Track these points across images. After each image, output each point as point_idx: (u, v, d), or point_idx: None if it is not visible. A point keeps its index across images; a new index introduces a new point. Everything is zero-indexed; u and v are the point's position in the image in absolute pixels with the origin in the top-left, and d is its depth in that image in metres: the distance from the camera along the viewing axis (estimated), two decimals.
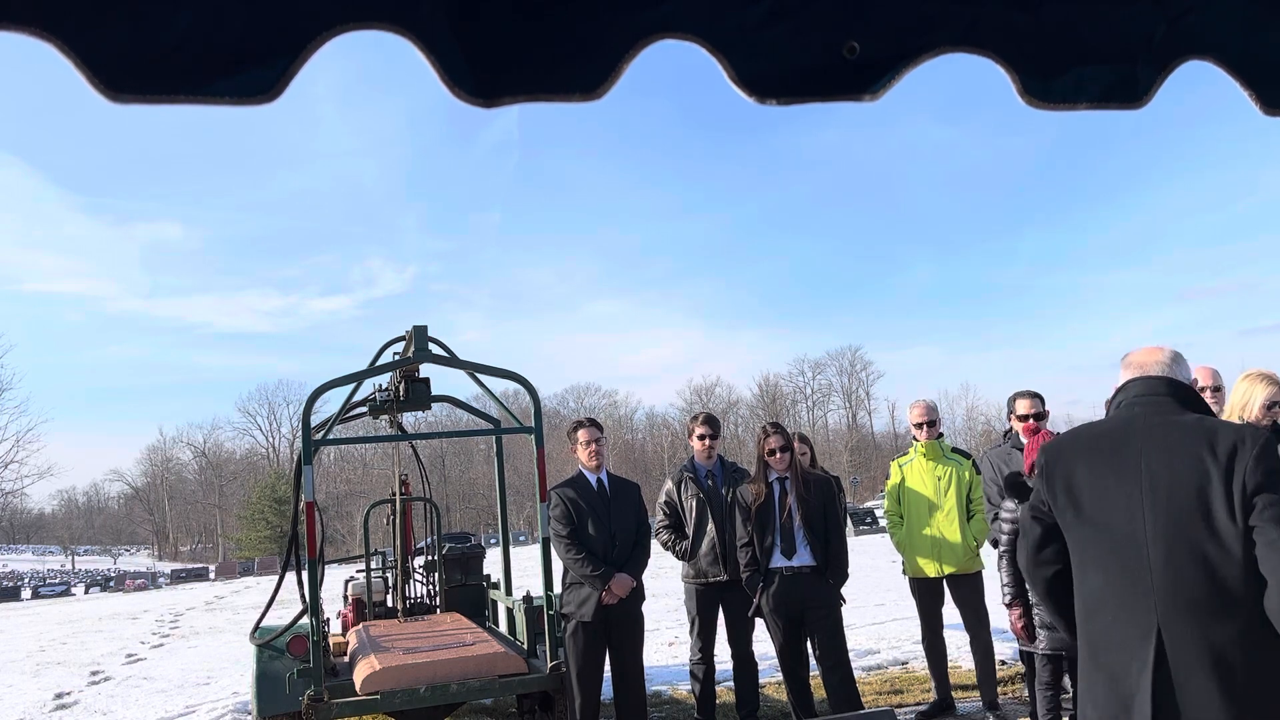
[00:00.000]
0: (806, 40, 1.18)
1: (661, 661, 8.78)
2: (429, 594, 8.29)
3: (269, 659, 5.86)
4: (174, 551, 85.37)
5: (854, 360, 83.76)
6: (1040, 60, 1.27)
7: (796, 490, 5.56)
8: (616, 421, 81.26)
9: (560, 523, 5.64)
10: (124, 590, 38.98)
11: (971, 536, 6.14)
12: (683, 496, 6.25)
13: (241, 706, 8.17)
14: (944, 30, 1.23)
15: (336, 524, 62.01)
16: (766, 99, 1.18)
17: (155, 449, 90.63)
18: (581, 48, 1.11)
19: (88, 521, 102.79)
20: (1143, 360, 2.60)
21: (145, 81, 1.01)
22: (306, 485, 5.48)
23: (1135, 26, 1.30)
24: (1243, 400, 4.19)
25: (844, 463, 72.04)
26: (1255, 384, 4.17)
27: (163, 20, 1.01)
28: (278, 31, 1.04)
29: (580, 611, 5.54)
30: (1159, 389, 2.51)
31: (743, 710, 6.26)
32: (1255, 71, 1.34)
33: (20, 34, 0.97)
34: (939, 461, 6.31)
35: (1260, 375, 4.21)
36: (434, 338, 6.06)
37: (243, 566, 45.47)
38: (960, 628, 6.44)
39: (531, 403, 5.83)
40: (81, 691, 10.03)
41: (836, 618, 5.61)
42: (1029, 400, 5.74)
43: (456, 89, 1.09)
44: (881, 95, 1.21)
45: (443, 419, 51.19)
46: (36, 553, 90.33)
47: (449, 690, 5.36)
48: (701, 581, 6.17)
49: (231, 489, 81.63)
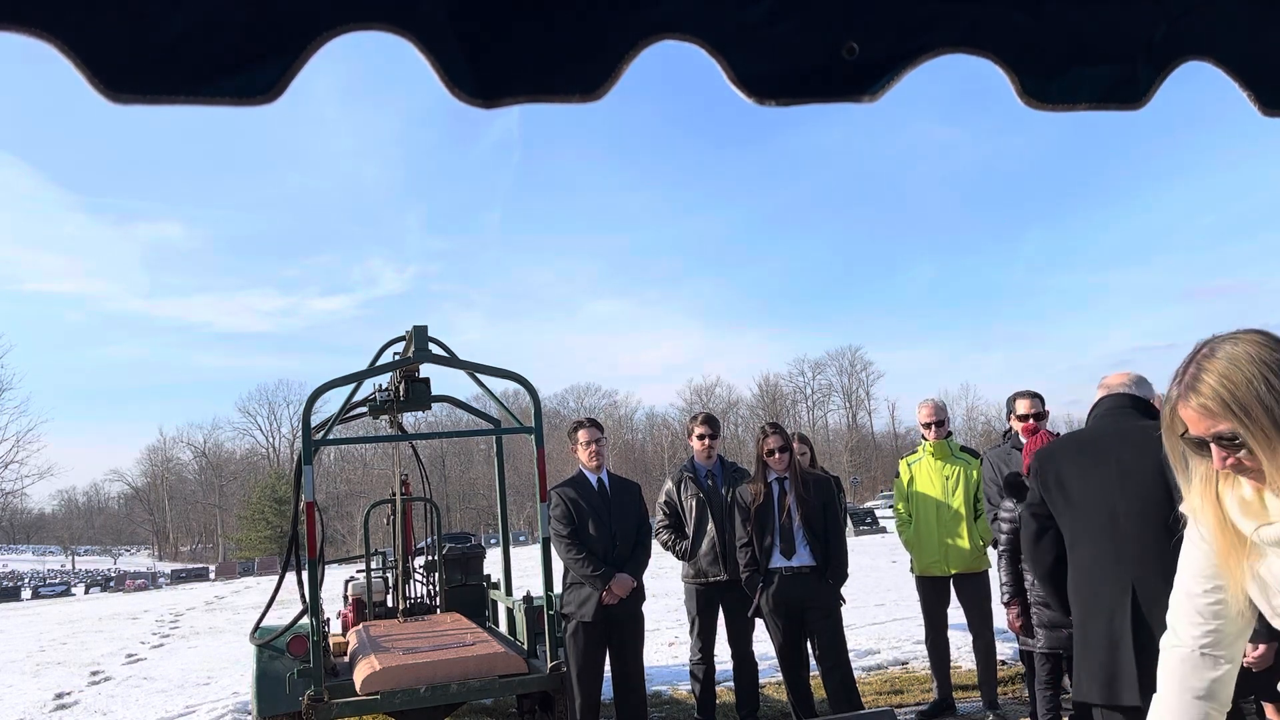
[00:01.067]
0: (806, 41, 1.18)
1: (661, 661, 8.78)
2: (429, 594, 8.29)
3: (269, 659, 5.86)
4: (174, 551, 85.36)
5: (854, 360, 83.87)
6: (1039, 61, 1.27)
7: (796, 490, 5.56)
8: (616, 421, 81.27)
9: (561, 523, 5.64)
10: (124, 590, 38.98)
11: (979, 536, 6.14)
12: (682, 496, 6.25)
13: (241, 706, 8.17)
14: (943, 31, 1.23)
15: (336, 524, 62.01)
16: (765, 100, 1.18)
17: (155, 449, 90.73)
18: (581, 48, 1.12)
19: (88, 521, 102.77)
20: (1112, 382, 3.36)
21: (145, 82, 1.01)
22: (306, 485, 5.48)
23: (1134, 27, 1.30)
24: None
25: (844, 463, 72.04)
26: None
27: (163, 21, 1.01)
28: (278, 32, 1.04)
29: (581, 611, 5.54)
30: (1124, 403, 3.24)
31: (743, 710, 6.26)
32: (1254, 72, 1.34)
33: (21, 34, 0.97)
34: (947, 461, 6.31)
35: None
36: (434, 338, 6.06)
37: (243, 566, 45.47)
38: (962, 628, 6.45)
39: (531, 403, 5.83)
40: (81, 691, 10.03)
41: (836, 618, 5.61)
42: (1029, 400, 5.74)
43: (456, 90, 1.09)
44: (880, 96, 1.21)
45: (443, 419, 51.23)
46: (36, 553, 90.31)
47: (449, 690, 5.36)
48: (701, 581, 6.17)
49: (231, 489, 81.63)
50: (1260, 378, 1.46)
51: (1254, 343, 1.51)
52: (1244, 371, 1.47)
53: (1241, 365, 1.48)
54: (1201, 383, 1.50)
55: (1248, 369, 1.47)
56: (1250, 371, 1.47)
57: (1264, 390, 1.45)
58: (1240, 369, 1.47)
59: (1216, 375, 1.49)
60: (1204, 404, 1.49)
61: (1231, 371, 1.48)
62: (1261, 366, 1.47)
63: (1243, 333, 1.54)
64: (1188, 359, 1.56)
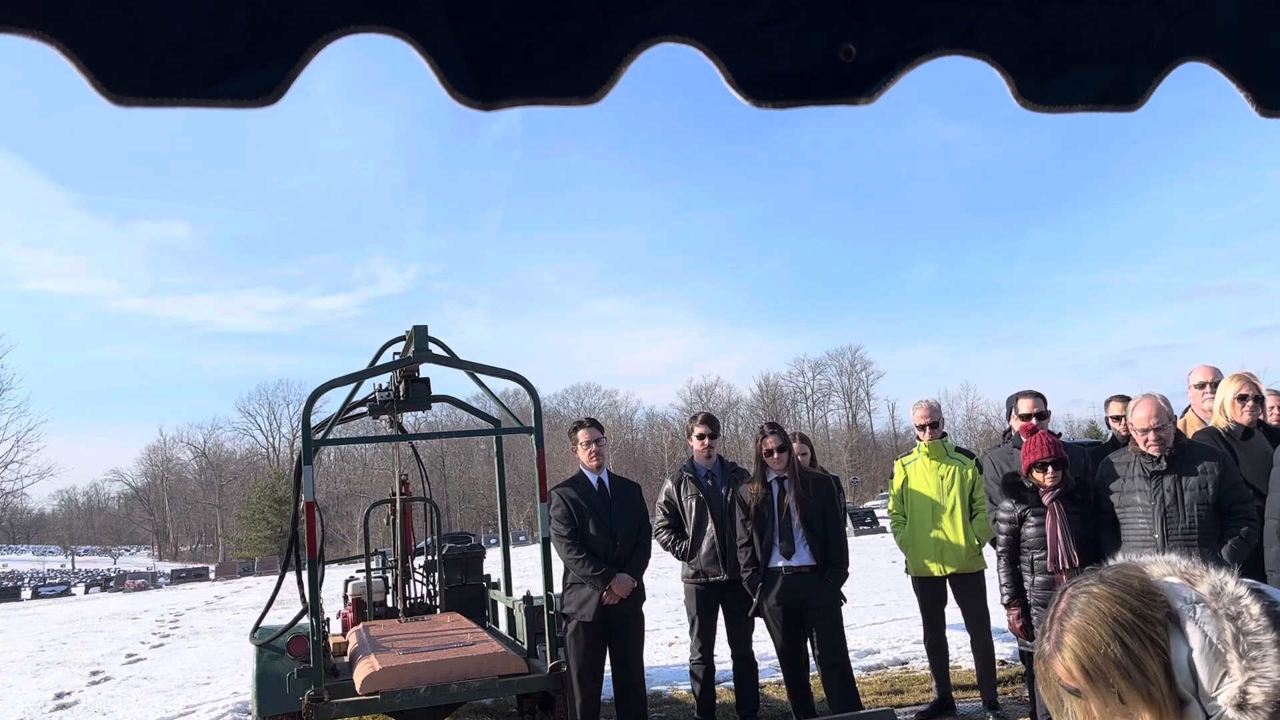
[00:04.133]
0: (803, 43, 1.19)
1: (661, 661, 8.79)
2: (429, 594, 8.30)
3: (269, 659, 5.86)
4: (174, 551, 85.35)
5: (854, 360, 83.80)
6: (1036, 62, 1.27)
7: (795, 490, 5.56)
8: (616, 421, 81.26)
9: (561, 523, 5.65)
10: (124, 590, 38.96)
11: (974, 536, 6.15)
12: (682, 496, 6.26)
13: (241, 706, 8.17)
14: (940, 33, 1.24)
15: (336, 524, 62.00)
16: (763, 102, 1.18)
17: (155, 449, 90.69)
18: (580, 51, 1.12)
19: (88, 521, 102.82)
20: None
21: (147, 85, 1.02)
22: (306, 485, 5.49)
23: (1132, 28, 1.30)
24: (1220, 397, 5.06)
25: (844, 463, 72.05)
26: (1228, 383, 5.05)
27: (164, 24, 1.02)
28: (278, 35, 1.05)
29: (581, 611, 5.55)
30: None
31: (743, 710, 6.26)
32: (1251, 73, 1.35)
33: (24, 37, 0.98)
34: (942, 461, 6.32)
35: (1234, 376, 5.08)
36: (434, 337, 6.06)
37: (243, 566, 45.47)
38: (961, 627, 6.45)
39: (531, 403, 5.84)
40: (81, 691, 10.04)
41: (836, 617, 5.61)
42: (1031, 399, 5.74)
43: (456, 92, 1.10)
44: (878, 98, 1.22)
45: (443, 419, 51.18)
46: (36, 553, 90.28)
47: (449, 690, 5.37)
48: (701, 581, 6.17)
49: (231, 489, 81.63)
50: (1114, 638, 1.45)
51: (1108, 599, 1.48)
52: (1099, 633, 1.47)
53: (1096, 626, 1.47)
54: (1064, 645, 1.51)
55: (1101, 629, 1.47)
56: (1105, 633, 1.46)
57: (1119, 652, 1.44)
58: (1095, 630, 1.47)
59: (1074, 637, 1.50)
60: (1066, 666, 1.50)
61: (1089, 634, 1.47)
62: (1115, 626, 1.46)
63: (1098, 584, 1.52)
64: (1050, 613, 1.57)
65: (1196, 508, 4.47)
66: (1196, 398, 5.52)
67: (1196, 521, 4.46)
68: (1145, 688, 1.41)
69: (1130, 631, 1.44)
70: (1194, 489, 4.49)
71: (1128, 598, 1.47)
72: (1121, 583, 1.49)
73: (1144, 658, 1.42)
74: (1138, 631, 1.43)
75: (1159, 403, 4.62)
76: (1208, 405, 5.31)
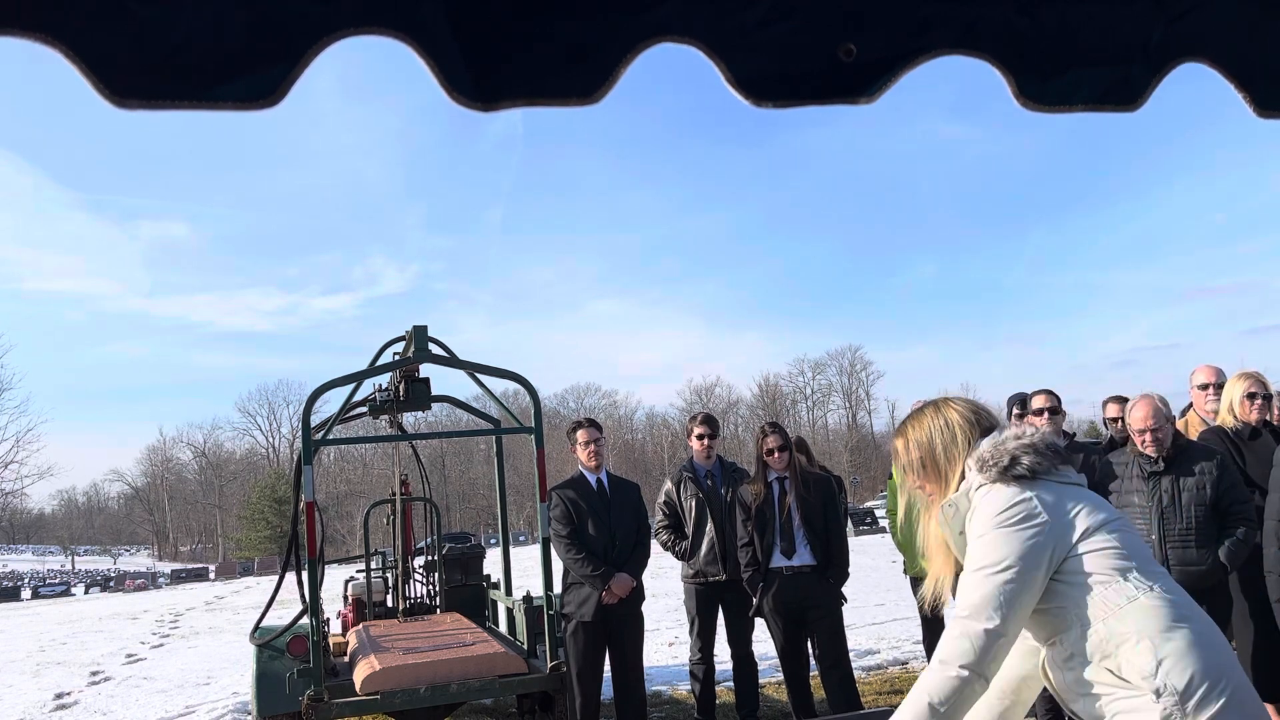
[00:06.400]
0: (803, 43, 1.19)
1: (661, 661, 8.79)
2: (429, 594, 8.30)
3: (269, 659, 5.87)
4: (174, 551, 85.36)
5: (854, 360, 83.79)
6: (1036, 62, 1.28)
7: (796, 490, 5.57)
8: (616, 421, 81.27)
9: (560, 523, 5.65)
10: (124, 590, 38.99)
11: None
12: (682, 496, 6.26)
13: (241, 706, 8.18)
14: (940, 32, 1.24)
15: (336, 524, 62.00)
16: (763, 102, 1.18)
17: (155, 449, 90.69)
18: (579, 52, 1.12)
19: (88, 521, 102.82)
20: None
21: (149, 87, 1.02)
22: (306, 485, 5.49)
23: (1131, 29, 1.31)
24: (1228, 396, 5.05)
25: (844, 463, 72.03)
26: (1237, 382, 5.05)
27: (166, 27, 1.02)
28: (279, 37, 1.05)
29: (580, 611, 5.55)
30: None
31: (743, 710, 6.26)
32: (1249, 74, 1.35)
33: (27, 40, 0.98)
34: None
35: (1241, 374, 5.08)
36: (434, 337, 6.06)
37: (243, 566, 45.49)
38: None
39: (531, 403, 5.84)
40: (81, 691, 10.04)
41: (837, 617, 5.61)
42: (1045, 395, 5.68)
43: (455, 93, 1.10)
44: (878, 98, 1.22)
45: (443, 419, 51.18)
46: (36, 553, 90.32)
47: (449, 690, 5.37)
48: (701, 581, 6.18)
49: (231, 489, 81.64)
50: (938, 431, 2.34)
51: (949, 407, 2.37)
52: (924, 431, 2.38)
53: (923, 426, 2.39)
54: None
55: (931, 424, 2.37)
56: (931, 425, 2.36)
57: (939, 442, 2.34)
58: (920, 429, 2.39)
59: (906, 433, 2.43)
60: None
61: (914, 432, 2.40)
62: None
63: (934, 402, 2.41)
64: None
65: (1194, 508, 4.47)
66: (1199, 398, 5.51)
67: (1194, 522, 4.46)
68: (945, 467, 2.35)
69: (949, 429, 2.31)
70: (1192, 489, 4.49)
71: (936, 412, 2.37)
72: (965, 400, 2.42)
73: (952, 447, 2.31)
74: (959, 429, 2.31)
75: (1156, 403, 4.62)
76: (1210, 406, 5.31)
